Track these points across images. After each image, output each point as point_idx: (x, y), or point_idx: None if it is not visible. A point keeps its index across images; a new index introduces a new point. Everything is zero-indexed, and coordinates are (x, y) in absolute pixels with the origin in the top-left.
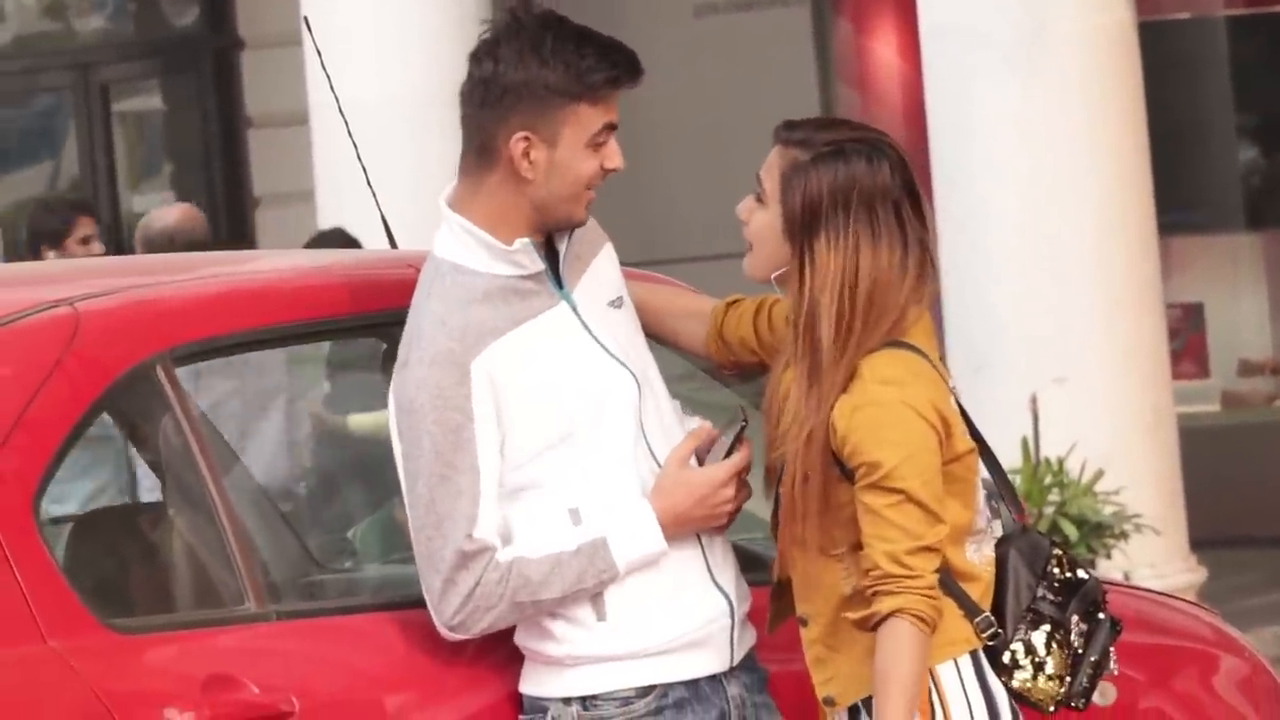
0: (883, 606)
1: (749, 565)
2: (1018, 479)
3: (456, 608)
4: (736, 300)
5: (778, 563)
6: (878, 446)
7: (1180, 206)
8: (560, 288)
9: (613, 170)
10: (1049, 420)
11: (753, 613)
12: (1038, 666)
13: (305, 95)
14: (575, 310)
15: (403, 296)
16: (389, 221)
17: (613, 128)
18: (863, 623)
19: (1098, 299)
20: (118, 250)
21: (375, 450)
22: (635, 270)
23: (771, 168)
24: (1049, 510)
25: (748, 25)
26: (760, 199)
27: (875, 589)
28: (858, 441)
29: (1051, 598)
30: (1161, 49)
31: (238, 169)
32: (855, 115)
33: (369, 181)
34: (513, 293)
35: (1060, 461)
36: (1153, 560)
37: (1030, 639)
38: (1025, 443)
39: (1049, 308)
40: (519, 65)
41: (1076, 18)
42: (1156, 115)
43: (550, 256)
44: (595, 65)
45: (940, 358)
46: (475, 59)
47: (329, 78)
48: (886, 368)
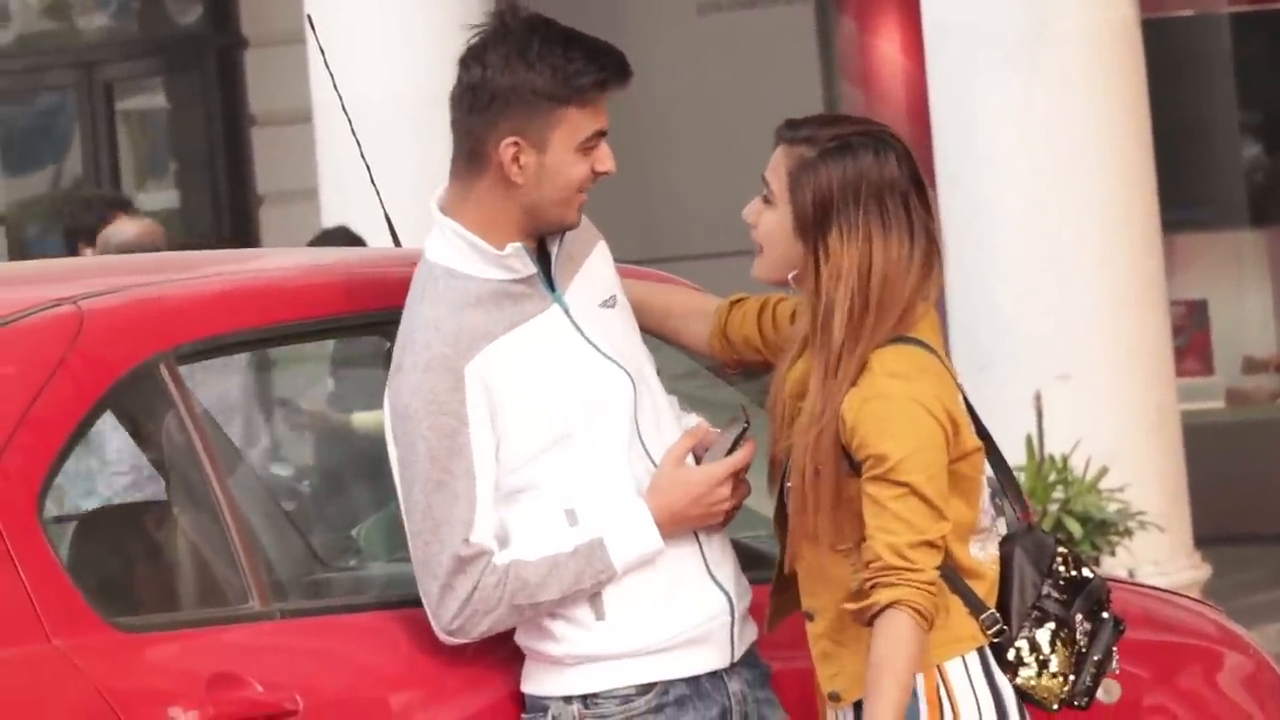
0: (881, 598)
1: (752, 563)
2: (1022, 476)
3: (455, 612)
4: (740, 299)
5: (786, 556)
6: (885, 439)
7: (1184, 203)
8: (553, 290)
9: (604, 173)
10: (1053, 417)
11: (754, 609)
12: (1042, 664)
13: (309, 93)
14: (567, 312)
15: (406, 295)
16: (392, 220)
17: (603, 134)
18: (861, 614)
19: (1101, 296)
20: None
21: (379, 448)
22: (638, 268)
23: (777, 168)
24: (1053, 507)
25: (751, 23)
26: (767, 200)
27: (875, 581)
28: (865, 433)
29: (1057, 595)
30: (1165, 46)
31: (241, 167)
32: (858, 113)
33: (372, 180)
34: (505, 297)
35: (1064, 459)
36: (1157, 557)
37: (1035, 636)
38: (1029, 440)
39: (1053, 305)
40: (506, 70)
41: (1079, 14)
42: (1160, 112)
43: (543, 258)
44: (583, 68)
45: (945, 355)
46: (463, 64)
47: (332, 76)
48: (896, 362)
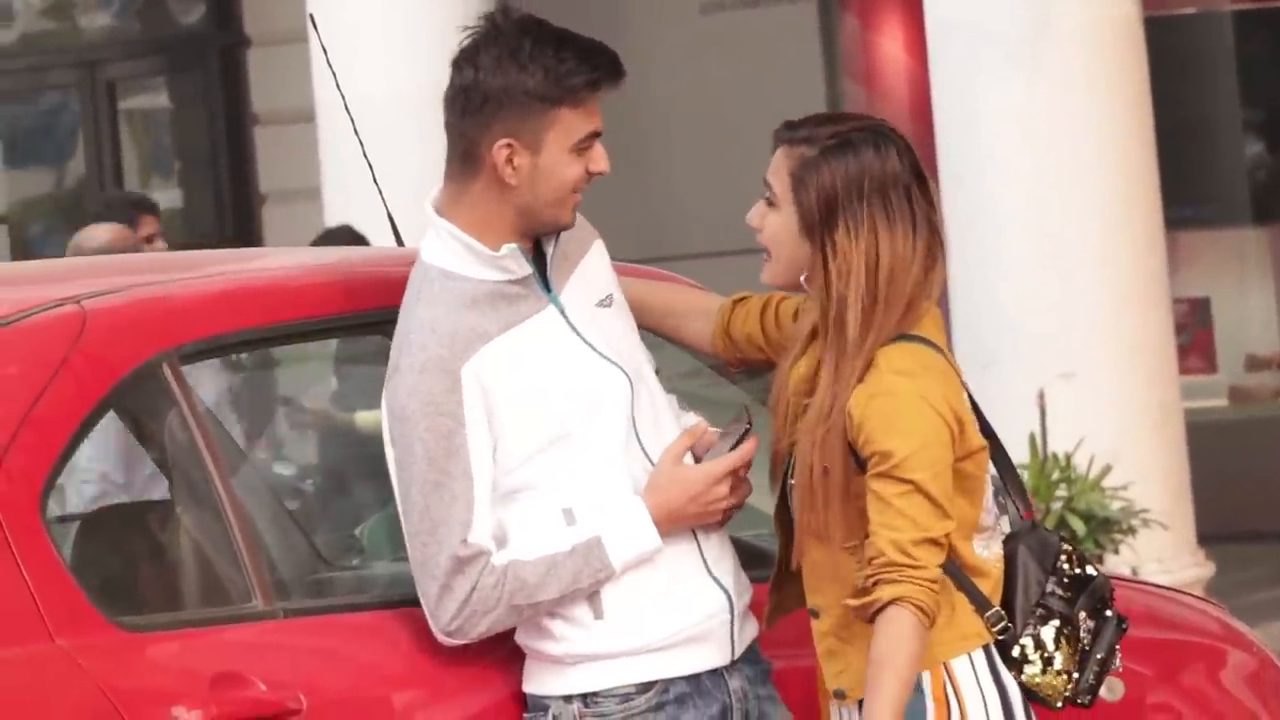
0: (884, 594)
1: (755, 561)
2: (1025, 474)
3: (453, 613)
4: (743, 297)
5: (793, 552)
6: (890, 436)
7: (1187, 201)
8: (548, 291)
9: (598, 174)
10: (1056, 416)
11: (754, 606)
12: (1046, 661)
13: (312, 92)
14: (563, 313)
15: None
16: (395, 219)
17: (597, 134)
18: (863, 610)
19: (1104, 294)
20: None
21: (382, 448)
22: (641, 267)
23: (779, 169)
24: (1057, 505)
25: (754, 22)
26: (770, 203)
27: (878, 577)
28: (871, 430)
29: (1061, 593)
30: (1168, 44)
31: (244, 166)
32: (861, 111)
33: (375, 179)
34: (500, 298)
35: (1068, 457)
36: (1160, 555)
37: (1040, 634)
38: (1033, 438)
39: (1056, 303)
40: (498, 72)
41: (1082, 12)
42: (1163, 110)
43: (539, 259)
44: (575, 68)
45: (949, 353)
46: (455, 66)
47: (335, 75)
48: (902, 359)
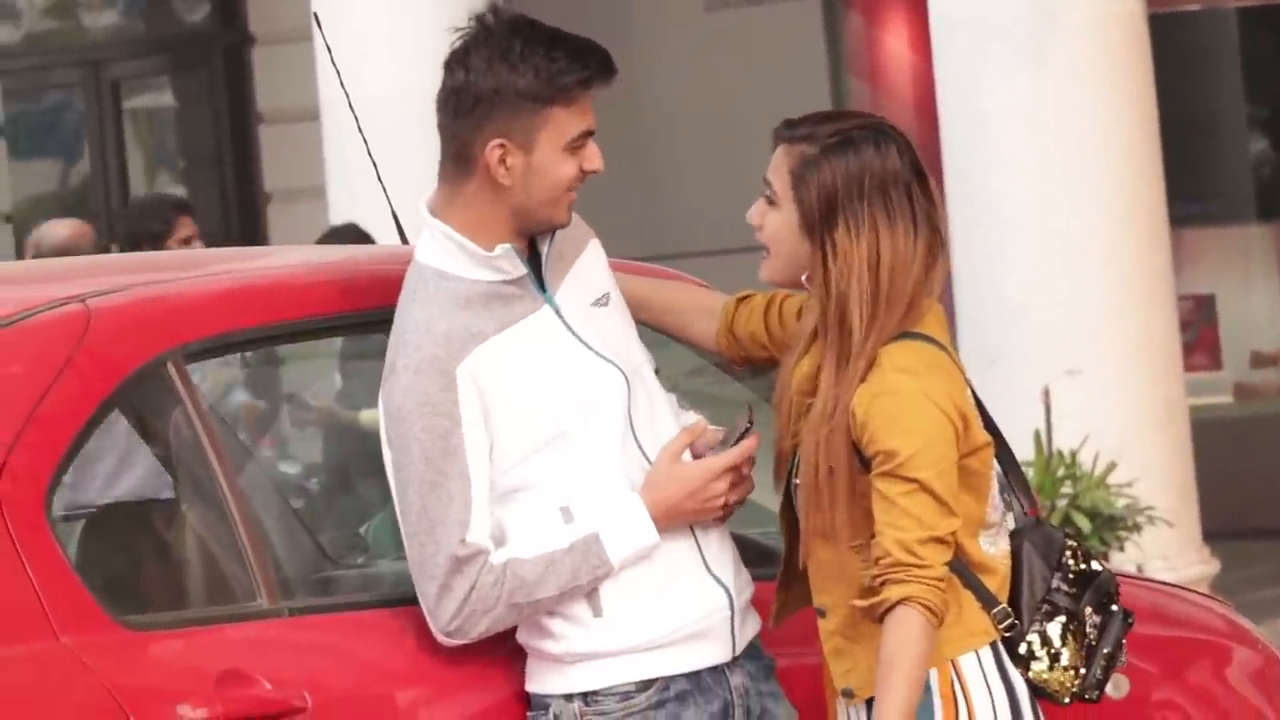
0: (891, 594)
1: (762, 559)
2: (1030, 471)
3: (453, 613)
4: (747, 296)
5: (800, 553)
6: (894, 435)
7: (1192, 198)
8: (543, 290)
9: (592, 172)
10: (1061, 413)
11: (758, 603)
12: (1053, 657)
13: (316, 91)
14: (558, 312)
15: None
16: (400, 217)
17: (590, 133)
18: (870, 611)
19: (1109, 291)
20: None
21: None
22: (646, 265)
23: (779, 168)
24: (1062, 503)
25: (759, 19)
26: (771, 201)
27: (885, 577)
28: (875, 429)
29: (1066, 589)
30: (1173, 40)
31: (249, 165)
32: (866, 108)
33: (380, 177)
34: (495, 298)
35: (1073, 454)
36: (1165, 552)
37: (1046, 630)
38: (1038, 435)
39: (1060, 300)
40: (489, 73)
41: (1087, 8)
42: (1168, 107)
43: (534, 259)
44: (566, 67)
45: (953, 350)
46: (447, 68)
47: (339, 73)
48: (905, 357)
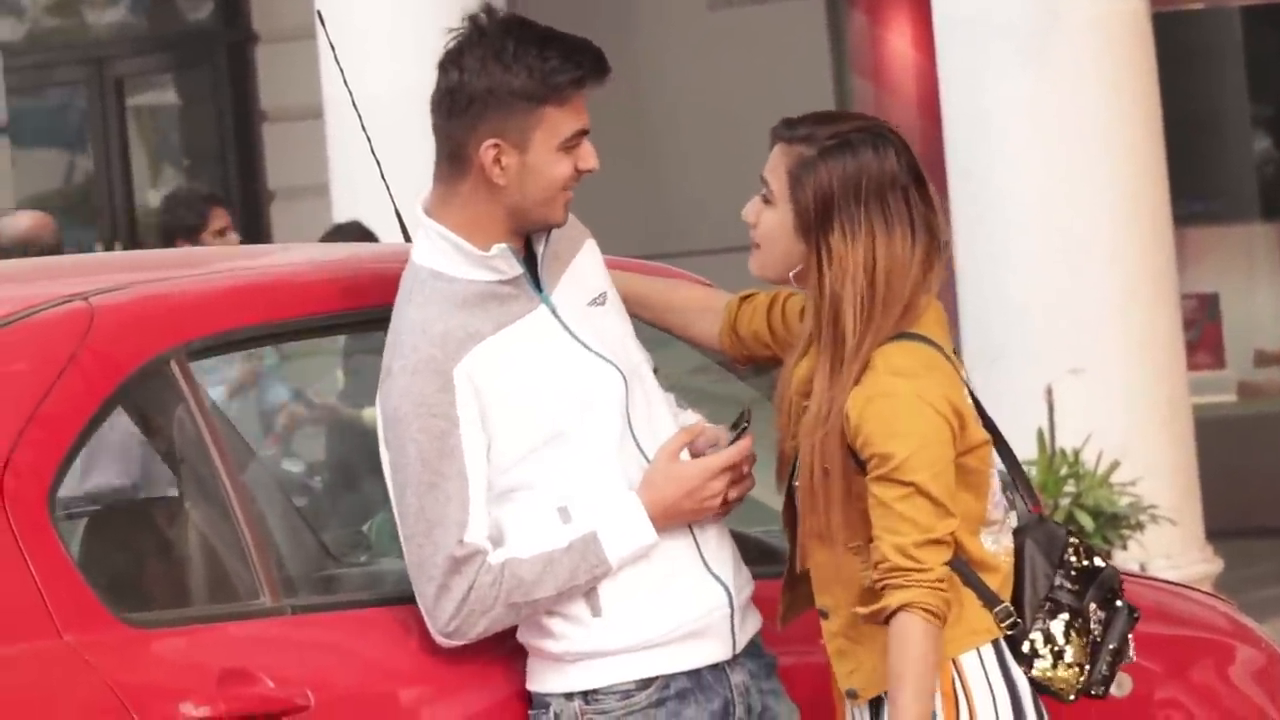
0: (892, 601)
1: (765, 558)
2: (1034, 470)
3: (451, 613)
4: (750, 294)
5: (798, 555)
6: (889, 438)
7: (1195, 196)
8: (540, 290)
9: (587, 171)
10: (1064, 411)
11: (759, 601)
12: (1057, 655)
13: (320, 89)
14: (555, 312)
15: None
16: (403, 215)
17: (584, 132)
18: (873, 617)
19: (1113, 289)
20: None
21: None
22: (649, 263)
23: (776, 167)
24: (1065, 501)
25: (762, 18)
26: (767, 200)
27: (884, 582)
28: (869, 432)
29: (1069, 586)
30: (1177, 39)
31: (252, 163)
32: (870, 107)
33: (383, 175)
34: (491, 298)
35: (1076, 452)
36: (1169, 551)
37: (1049, 628)
38: (1041, 434)
39: (1064, 298)
40: (482, 73)
41: (1090, 7)
42: (1172, 105)
43: (530, 259)
44: (559, 66)
45: (955, 348)
46: (441, 68)
47: (342, 71)
48: (899, 359)
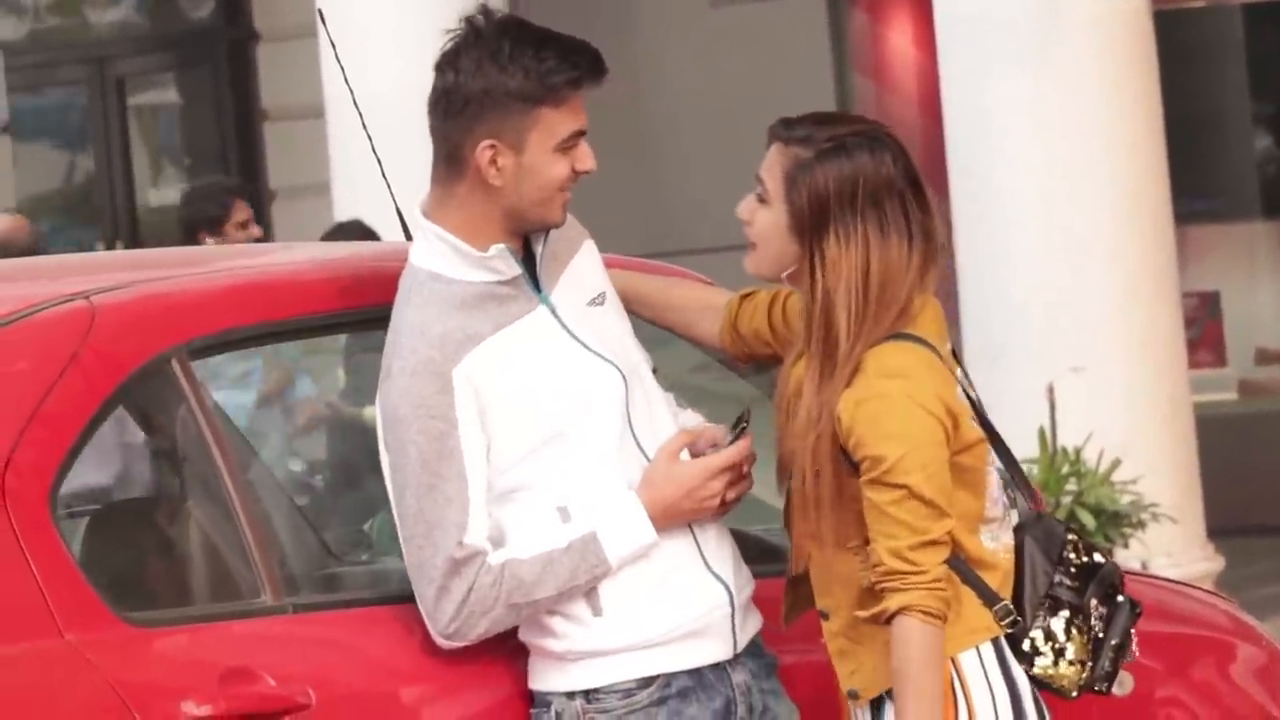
0: (890, 604)
1: (767, 556)
2: (1035, 468)
3: (451, 615)
4: (750, 293)
5: (793, 557)
6: (880, 441)
7: (1196, 195)
8: (538, 290)
9: (585, 172)
10: (1066, 409)
11: (760, 601)
12: (1058, 653)
13: (321, 88)
14: (554, 312)
15: None
16: (404, 214)
17: (581, 133)
18: (874, 619)
19: (1114, 288)
20: (134, 244)
21: None
22: (649, 262)
23: (773, 167)
24: (1066, 500)
25: (763, 16)
26: (762, 198)
27: (882, 586)
28: (861, 435)
29: (1069, 583)
30: (1178, 37)
31: (254, 162)
32: (871, 105)
33: (384, 174)
34: (490, 299)
35: (1077, 451)
36: (1170, 549)
37: (1049, 625)
38: (1042, 432)
39: (1065, 297)
40: (478, 74)
41: (1091, 5)
42: (1173, 103)
43: (528, 259)
44: (555, 67)
45: (954, 346)
46: (438, 70)
47: (343, 70)
48: (890, 360)
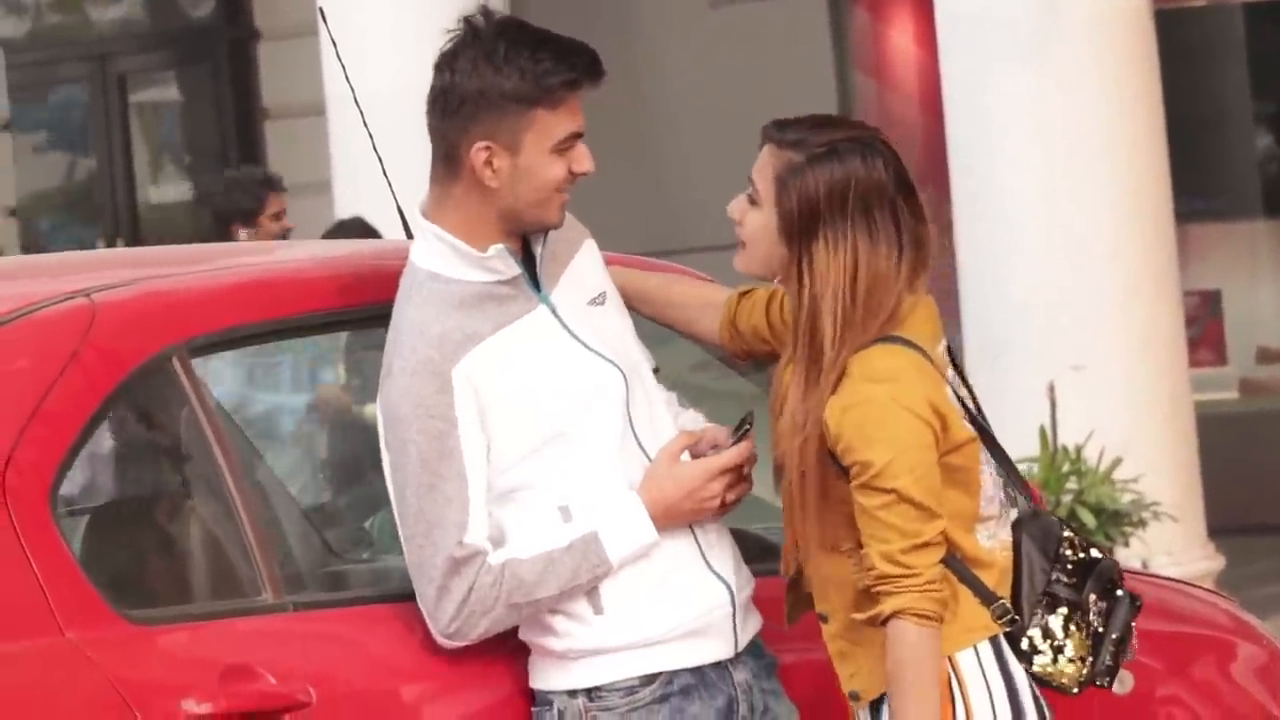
0: (884, 608)
1: (767, 555)
2: (1035, 467)
3: (452, 614)
4: (749, 290)
5: (784, 558)
6: (868, 446)
7: (1197, 193)
8: (538, 290)
9: (582, 174)
10: (1066, 408)
11: (761, 601)
12: (1057, 650)
13: (322, 86)
14: (554, 312)
15: None
16: (405, 211)
17: (578, 135)
18: (870, 622)
19: (1115, 286)
20: (135, 242)
21: None
22: (649, 260)
23: (764, 168)
24: (1067, 498)
25: (764, 15)
26: (753, 200)
27: (876, 589)
28: (849, 441)
29: (1066, 580)
30: (1179, 36)
31: (254, 160)
32: (872, 104)
33: (385, 172)
34: (490, 298)
35: (1078, 449)
36: (1170, 548)
37: (1047, 623)
38: (1043, 430)
39: (1066, 295)
40: (473, 75)
41: (1092, 4)
42: (1174, 102)
43: (529, 259)
44: (551, 69)
45: (952, 344)
46: (436, 70)
47: (344, 68)
48: (875, 365)
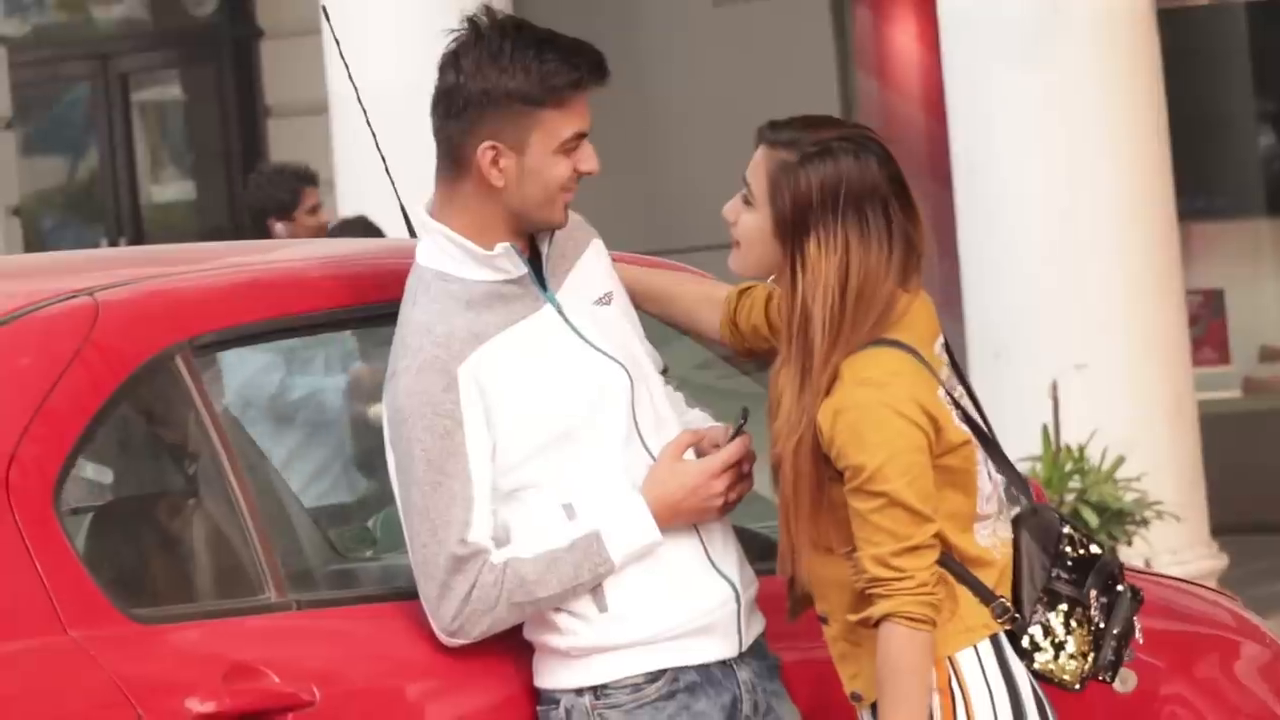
0: (875, 611)
1: (767, 554)
2: (1038, 466)
3: (454, 612)
4: (748, 287)
5: (780, 558)
6: (859, 450)
7: (1200, 192)
8: (545, 289)
9: (587, 173)
10: (1069, 407)
11: (763, 597)
12: (1058, 647)
13: (324, 84)
14: (560, 311)
15: None
16: (408, 210)
17: (583, 135)
18: (862, 624)
19: (1117, 286)
20: (138, 241)
21: None
22: (650, 258)
23: (758, 169)
24: (1070, 497)
25: (767, 14)
26: (747, 200)
27: (869, 592)
28: (841, 445)
29: (1066, 576)
30: (1182, 36)
31: (257, 158)
32: (874, 103)
33: (388, 170)
34: (496, 298)
35: (1081, 448)
36: (1174, 547)
37: (1048, 620)
38: (1046, 430)
39: (1069, 294)
40: (478, 75)
41: (1094, 3)
42: (1177, 101)
43: (534, 258)
44: (556, 69)
45: (950, 342)
46: (440, 70)
47: (347, 66)
48: (867, 368)
